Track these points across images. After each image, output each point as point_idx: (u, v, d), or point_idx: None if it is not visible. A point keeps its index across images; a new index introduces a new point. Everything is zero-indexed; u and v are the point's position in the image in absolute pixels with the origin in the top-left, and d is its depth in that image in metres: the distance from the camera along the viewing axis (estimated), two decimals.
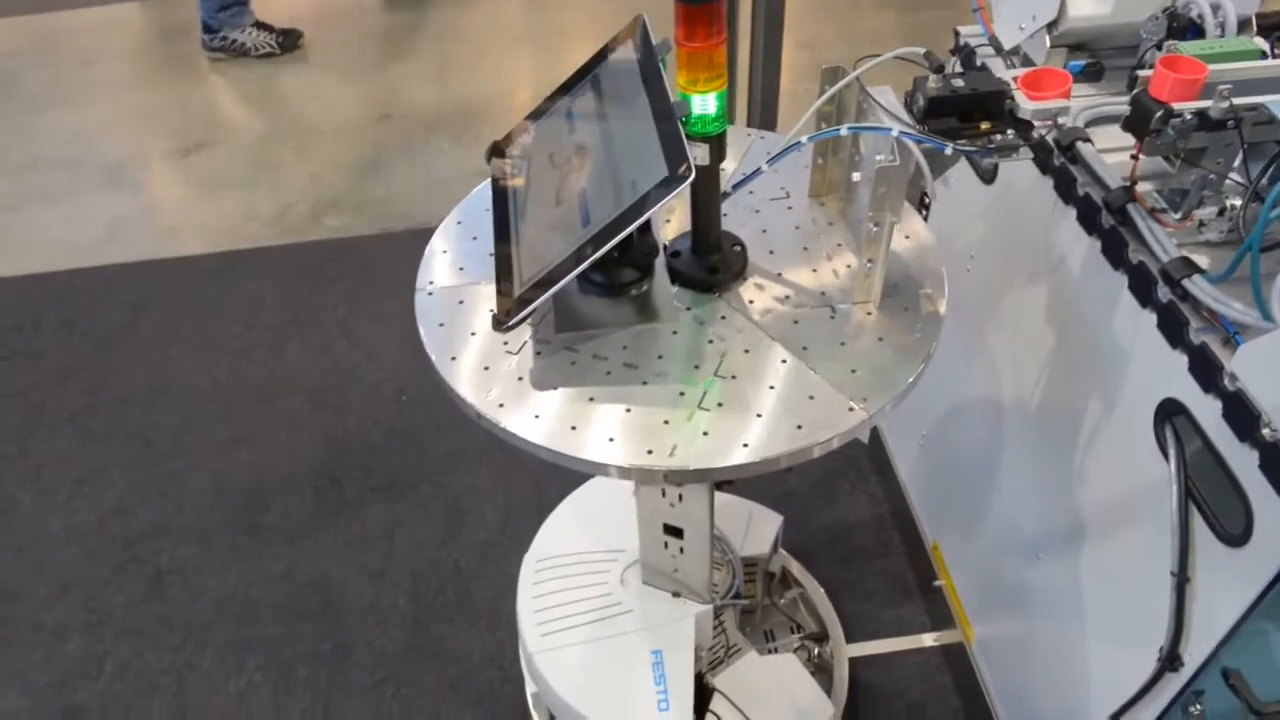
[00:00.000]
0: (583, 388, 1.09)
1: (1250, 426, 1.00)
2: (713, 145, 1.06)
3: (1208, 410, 1.07)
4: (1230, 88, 1.08)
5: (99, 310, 2.96)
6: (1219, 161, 1.14)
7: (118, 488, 2.43)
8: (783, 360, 1.11)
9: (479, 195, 1.36)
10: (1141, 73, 1.14)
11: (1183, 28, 1.32)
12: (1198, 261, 1.11)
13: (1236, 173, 1.17)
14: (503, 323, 1.07)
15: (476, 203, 1.35)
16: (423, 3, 4.57)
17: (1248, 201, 1.14)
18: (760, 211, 1.31)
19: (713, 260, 1.21)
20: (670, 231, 1.28)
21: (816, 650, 1.85)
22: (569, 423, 1.06)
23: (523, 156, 1.27)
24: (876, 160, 1.04)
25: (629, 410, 1.06)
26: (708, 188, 1.14)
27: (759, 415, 1.05)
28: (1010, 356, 1.58)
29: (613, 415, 1.06)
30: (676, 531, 1.47)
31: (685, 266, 1.21)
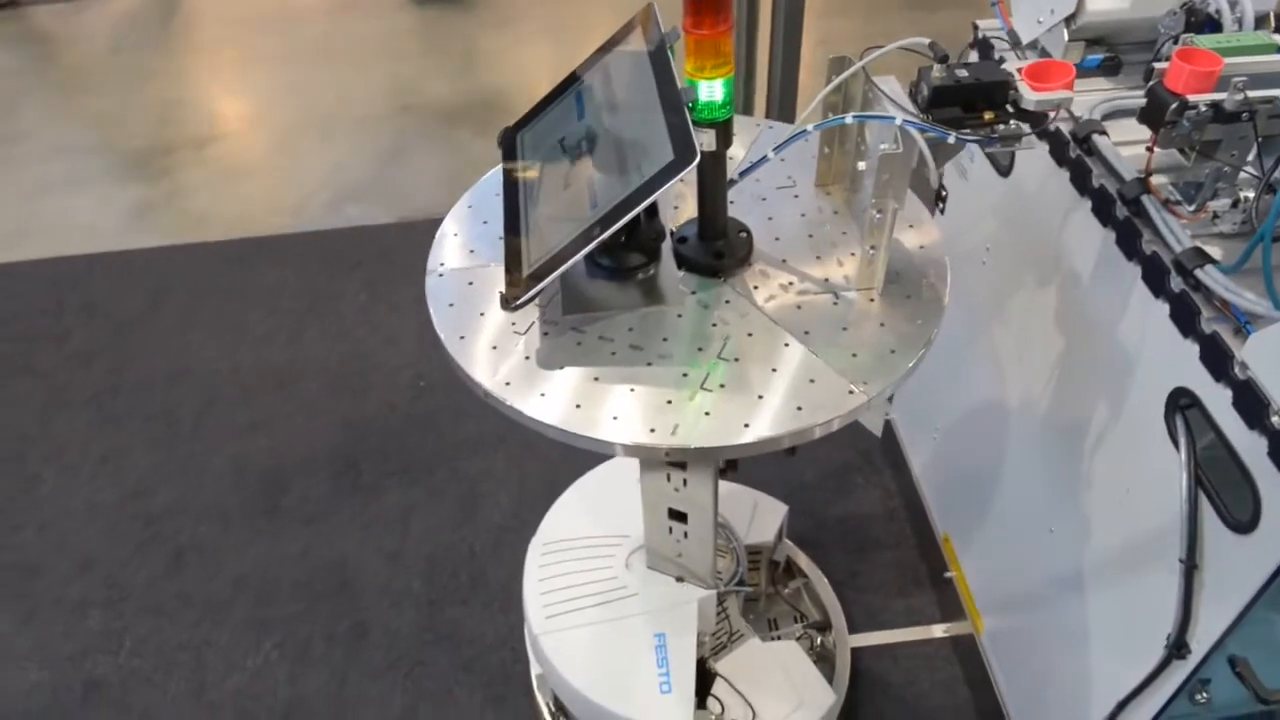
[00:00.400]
0: (588, 368, 1.11)
1: (1260, 414, 1.01)
2: (719, 131, 1.08)
3: (1218, 399, 1.08)
4: (1246, 80, 1.09)
5: (122, 294, 3.00)
6: (1233, 154, 1.15)
7: (139, 468, 2.46)
8: (785, 344, 1.13)
9: (490, 180, 1.38)
10: (1158, 65, 1.16)
11: (1200, 22, 1.32)
12: (1211, 253, 1.12)
13: (1251, 165, 1.18)
14: (510, 302, 1.09)
15: (488, 188, 1.37)
16: None
17: (1260, 193, 1.15)
18: (767, 200, 1.33)
19: (718, 246, 1.23)
20: (679, 218, 1.30)
21: (819, 639, 1.87)
22: (574, 401, 1.08)
23: (534, 141, 1.29)
24: (880, 149, 1.05)
25: (633, 390, 1.08)
26: (714, 174, 1.16)
27: (760, 397, 1.07)
28: (1023, 347, 1.59)
29: (617, 394, 1.08)
30: (681, 516, 1.49)
31: (691, 252, 1.23)
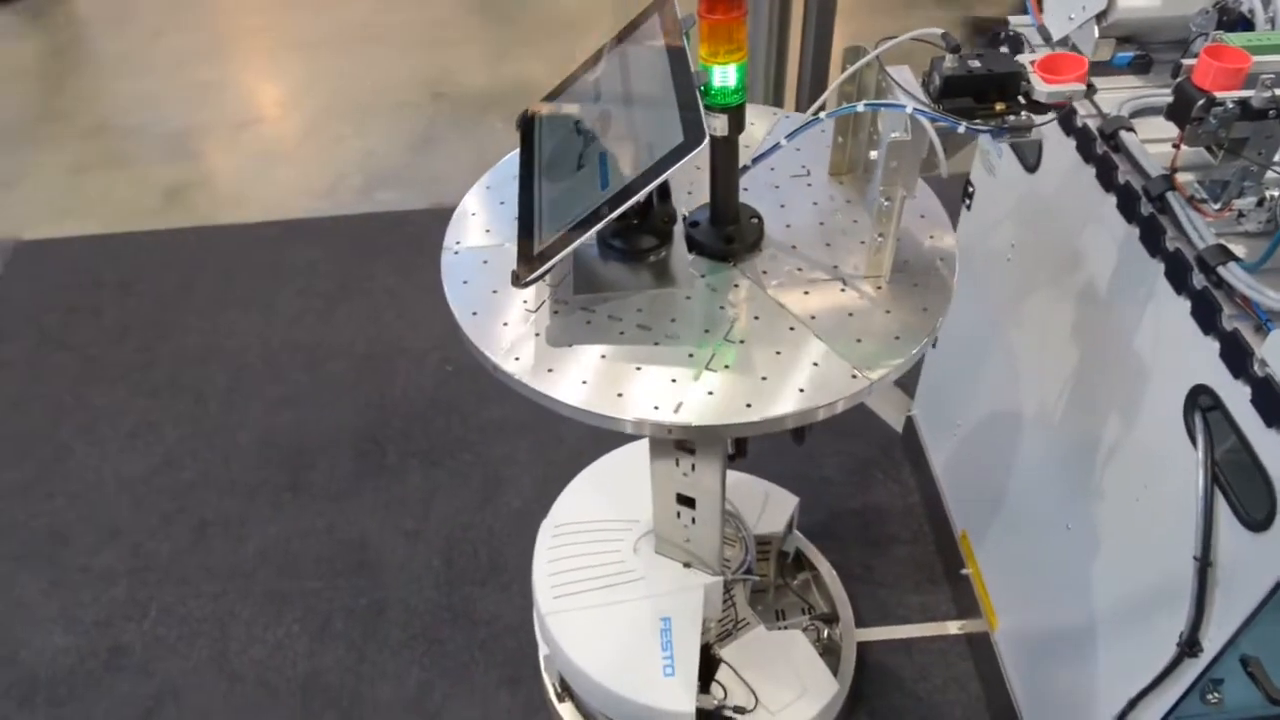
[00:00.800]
0: (596, 345, 1.13)
1: (1278, 412, 1.01)
2: (731, 116, 1.09)
3: (1237, 396, 1.08)
4: (1274, 78, 1.09)
5: (157, 272, 3.05)
6: (1260, 152, 1.15)
7: (168, 441, 2.51)
8: (790, 328, 1.14)
9: (509, 162, 1.40)
10: (1186, 62, 1.15)
11: (1233, 21, 1.32)
12: (1235, 251, 1.12)
13: (1277, 164, 1.18)
14: (521, 279, 1.11)
15: (507, 169, 1.39)
16: None
17: None
18: (780, 187, 1.35)
19: (729, 231, 1.24)
20: (694, 203, 1.31)
21: (826, 632, 1.87)
22: (580, 377, 1.10)
23: (550, 124, 1.31)
24: (891, 136, 1.06)
25: (639, 368, 1.10)
26: (726, 159, 1.17)
27: (764, 378, 1.08)
28: (1044, 344, 1.59)
29: (623, 372, 1.10)
30: (689, 502, 1.51)
31: (702, 236, 1.24)
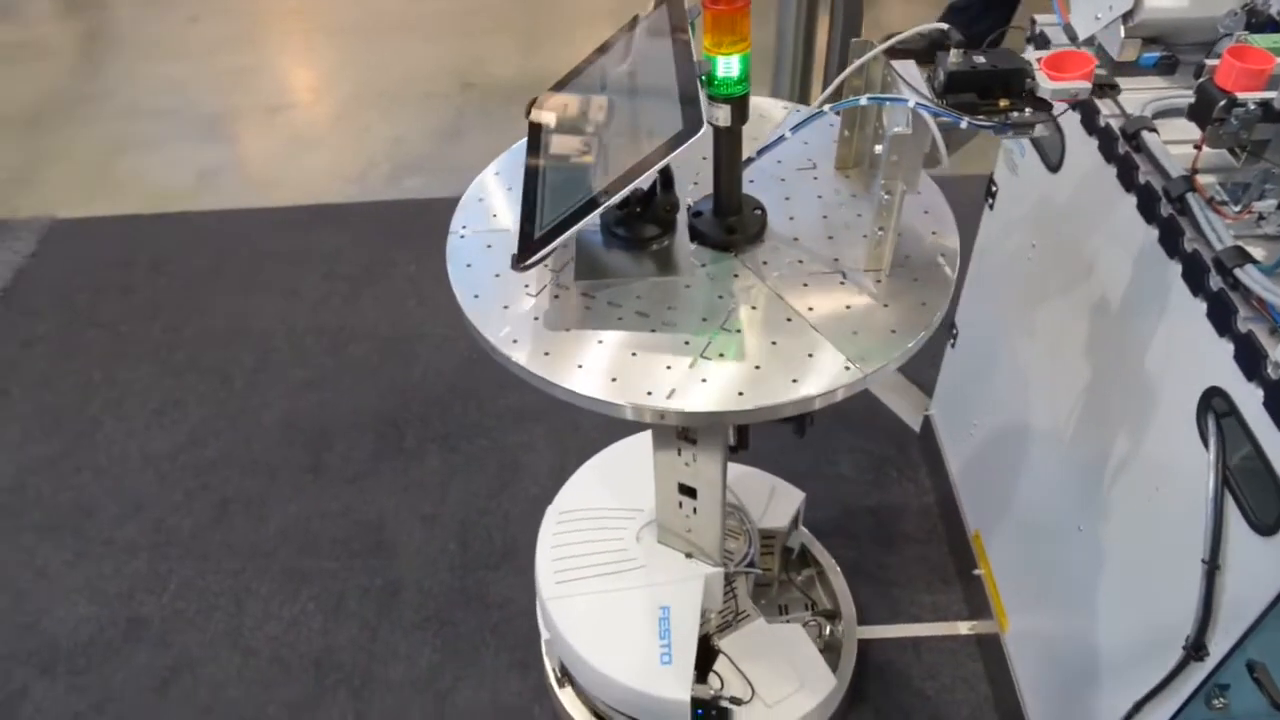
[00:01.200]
0: (593, 330, 1.15)
1: None
2: (734, 107, 1.10)
3: (1250, 398, 1.08)
4: None
5: (187, 253, 3.09)
6: None
7: (193, 420, 2.55)
8: (787, 319, 1.15)
9: (518, 150, 1.41)
10: (1209, 62, 1.15)
11: (1262, 23, 1.31)
12: (1254, 253, 1.11)
13: None
14: (520, 261, 1.13)
15: (516, 157, 1.41)
16: None
17: None
18: (786, 180, 1.35)
19: (731, 221, 1.25)
20: (699, 193, 1.32)
21: (829, 628, 1.88)
22: (576, 361, 1.11)
23: (558, 111, 1.32)
24: (894, 130, 1.07)
25: (635, 354, 1.12)
26: (729, 150, 1.18)
27: (757, 367, 1.09)
28: (1062, 343, 1.58)
29: (619, 357, 1.11)
30: (691, 492, 1.52)
31: (705, 226, 1.25)
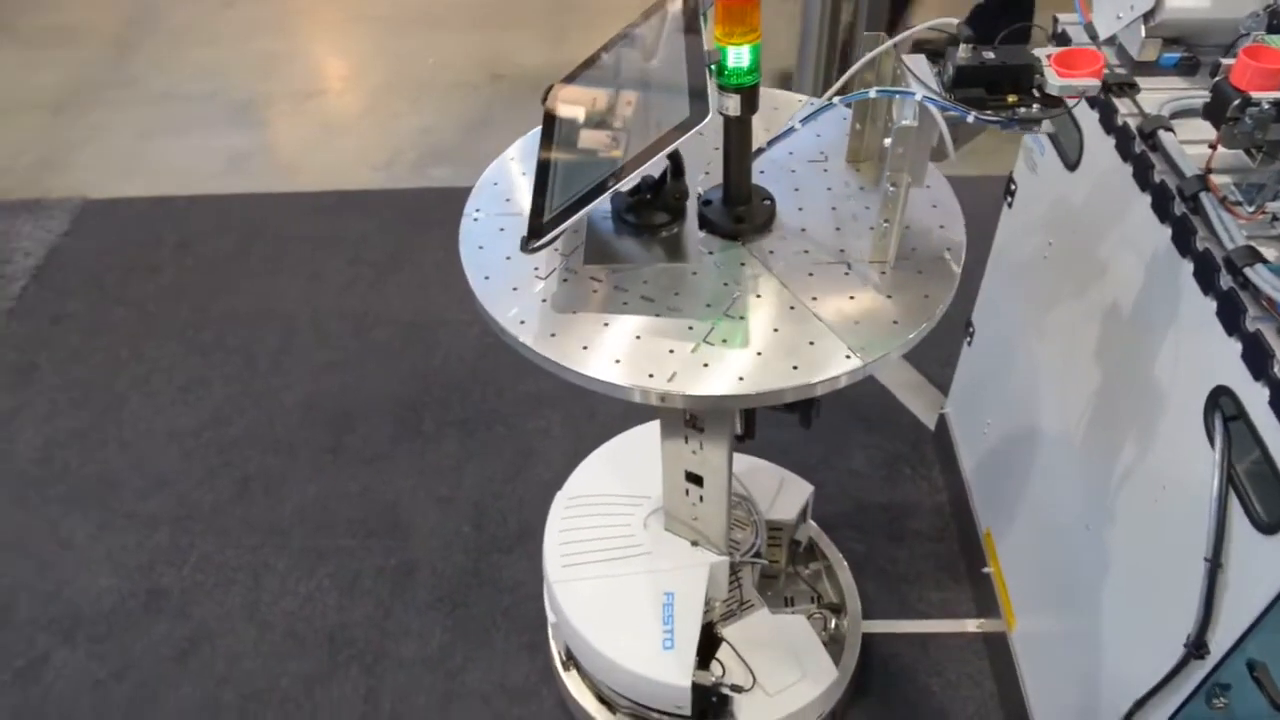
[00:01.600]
0: (599, 314, 1.17)
1: None
2: (745, 97, 1.11)
3: (1256, 397, 1.09)
4: None
5: (215, 235, 3.14)
6: None
7: (217, 398, 2.59)
8: (791, 307, 1.16)
9: (534, 136, 1.43)
10: (1225, 61, 1.15)
11: None
12: (1266, 254, 1.12)
13: None
14: (528, 243, 1.15)
15: (532, 143, 1.42)
16: None
17: None
18: (796, 171, 1.37)
19: (740, 211, 1.27)
20: (710, 183, 1.33)
21: (834, 622, 1.89)
22: (581, 343, 1.13)
23: (571, 100, 1.34)
24: (901, 123, 1.08)
25: (639, 337, 1.14)
26: (739, 140, 1.20)
27: (759, 354, 1.11)
28: (1075, 342, 1.59)
29: (623, 340, 1.13)
30: (697, 480, 1.54)
31: (714, 215, 1.27)
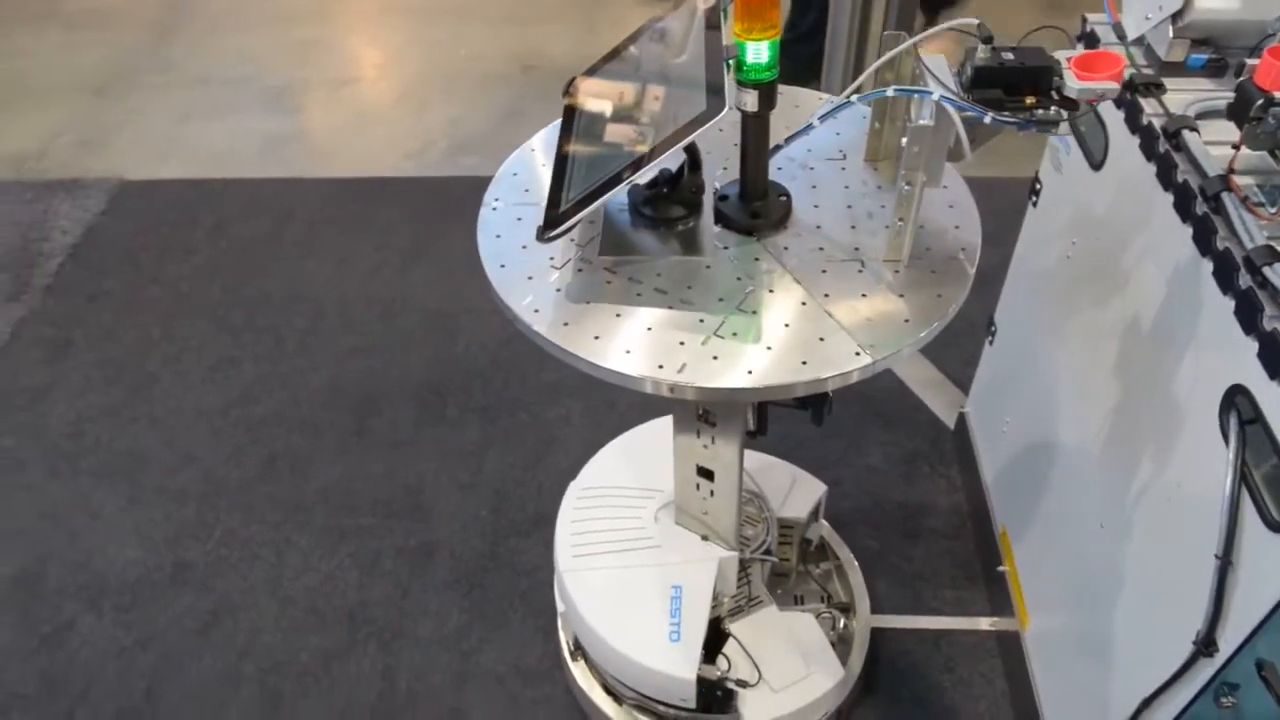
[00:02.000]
0: (612, 304, 1.18)
1: None
2: (762, 93, 1.12)
3: (1271, 397, 1.09)
4: None
5: (249, 218, 3.19)
6: None
7: (246, 378, 2.64)
8: (802, 303, 1.17)
9: (556, 128, 1.44)
10: (1250, 61, 1.16)
11: None
12: None
13: None
14: (544, 233, 1.17)
15: (554, 134, 1.44)
16: None
17: None
18: (814, 169, 1.38)
19: (755, 206, 1.28)
20: (727, 178, 1.35)
21: (843, 622, 1.89)
22: (593, 333, 1.15)
23: (592, 93, 1.36)
24: (919, 122, 1.08)
25: (650, 329, 1.15)
26: (756, 136, 1.21)
27: (769, 348, 1.12)
28: (1096, 341, 1.59)
29: (634, 331, 1.15)
30: (708, 474, 1.55)
31: (730, 209, 1.28)
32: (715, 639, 1.72)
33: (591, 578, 1.71)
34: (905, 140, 1.11)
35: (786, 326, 1.14)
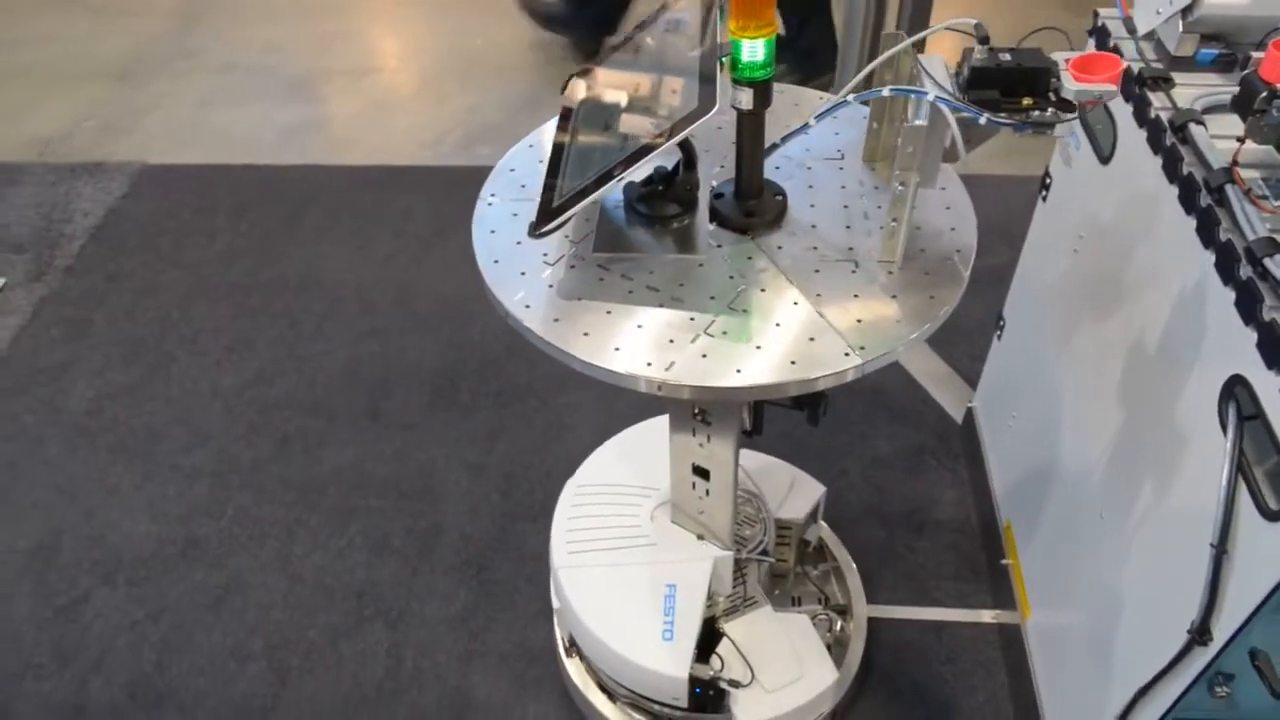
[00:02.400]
0: (603, 301, 1.18)
1: None
2: (758, 91, 1.12)
3: (1269, 386, 1.10)
4: None
5: (268, 203, 3.23)
6: None
7: (261, 359, 2.67)
8: (794, 302, 1.17)
9: (554, 125, 1.44)
10: (1256, 54, 1.16)
11: None
12: None
13: None
14: (535, 229, 1.18)
15: (551, 130, 1.44)
16: None
17: None
18: (811, 168, 1.38)
19: (750, 205, 1.28)
20: (724, 176, 1.35)
21: (839, 624, 1.90)
22: (583, 329, 1.15)
23: (591, 86, 1.37)
24: (914, 123, 1.08)
25: (640, 326, 1.15)
26: (751, 134, 1.20)
27: (759, 347, 1.11)
28: (1101, 334, 1.60)
29: (624, 328, 1.15)
30: (704, 473, 1.56)
31: (724, 208, 1.28)
32: (709, 638, 1.72)
33: (587, 575, 1.71)
34: (899, 140, 1.11)
35: (778, 326, 1.14)
